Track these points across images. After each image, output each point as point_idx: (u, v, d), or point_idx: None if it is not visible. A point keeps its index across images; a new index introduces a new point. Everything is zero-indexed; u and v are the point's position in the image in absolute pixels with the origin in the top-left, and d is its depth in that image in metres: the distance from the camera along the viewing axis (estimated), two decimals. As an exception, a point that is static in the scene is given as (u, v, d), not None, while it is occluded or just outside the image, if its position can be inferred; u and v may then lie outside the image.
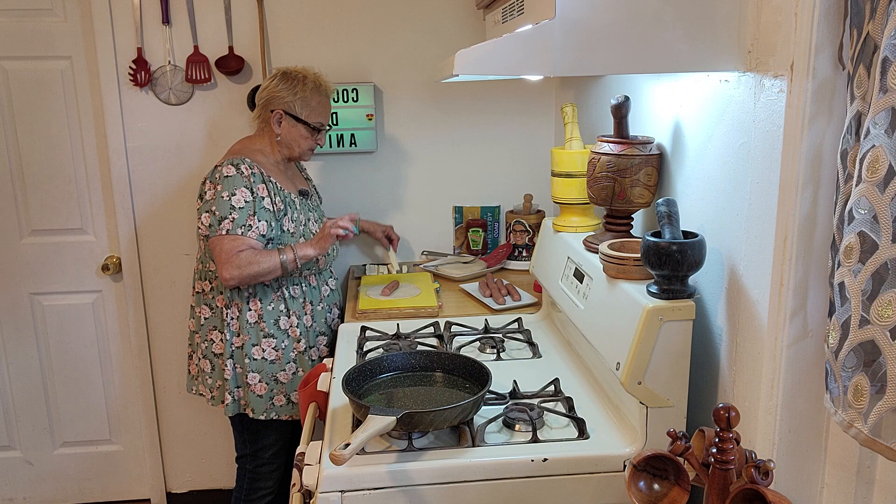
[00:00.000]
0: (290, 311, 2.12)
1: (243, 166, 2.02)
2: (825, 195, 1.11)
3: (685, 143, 1.53)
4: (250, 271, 1.97)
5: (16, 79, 2.51)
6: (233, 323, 2.10)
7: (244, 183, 2.00)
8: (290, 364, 2.13)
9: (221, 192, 2.00)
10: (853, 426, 0.93)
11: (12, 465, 2.82)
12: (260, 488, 2.26)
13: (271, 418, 2.14)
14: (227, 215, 1.98)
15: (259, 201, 2.01)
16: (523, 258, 2.63)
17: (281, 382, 2.13)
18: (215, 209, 2.00)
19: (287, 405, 2.15)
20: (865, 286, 0.90)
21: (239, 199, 1.99)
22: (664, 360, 1.33)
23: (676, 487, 1.12)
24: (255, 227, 1.99)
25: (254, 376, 2.10)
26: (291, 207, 2.10)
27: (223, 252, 1.98)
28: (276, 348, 2.11)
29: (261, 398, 2.12)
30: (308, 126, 2.12)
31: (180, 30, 2.50)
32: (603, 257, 1.51)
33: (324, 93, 2.14)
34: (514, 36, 1.23)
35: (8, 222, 2.61)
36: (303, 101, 2.10)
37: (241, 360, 2.11)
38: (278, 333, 2.11)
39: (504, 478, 1.35)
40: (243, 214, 1.98)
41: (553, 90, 2.70)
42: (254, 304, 2.09)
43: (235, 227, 1.97)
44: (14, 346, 2.71)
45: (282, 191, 2.08)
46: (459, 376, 1.60)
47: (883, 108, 0.87)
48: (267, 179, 2.05)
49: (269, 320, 2.10)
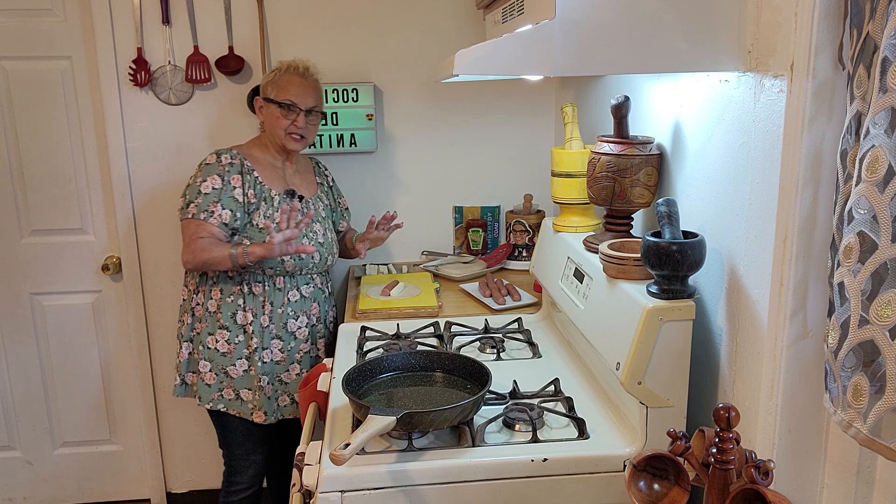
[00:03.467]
0: (247, 307, 2.12)
1: (224, 156, 2.09)
2: (825, 195, 1.11)
3: (685, 143, 1.53)
4: (202, 258, 2.02)
5: (16, 79, 2.51)
6: (197, 308, 2.15)
7: (217, 171, 2.06)
8: (242, 360, 2.13)
9: (196, 178, 2.08)
10: (852, 426, 0.93)
11: (12, 465, 2.82)
12: (236, 482, 2.27)
13: (219, 409, 2.15)
14: (193, 199, 2.05)
15: (228, 190, 2.05)
16: (523, 258, 2.63)
17: (230, 377, 2.13)
18: (187, 193, 2.08)
19: (236, 400, 2.15)
20: (865, 286, 0.90)
21: (207, 186, 2.05)
22: (664, 360, 1.33)
23: (676, 487, 1.12)
24: (217, 213, 2.03)
25: (205, 364, 2.13)
26: (267, 203, 2.10)
27: (186, 235, 2.06)
28: (228, 341, 2.12)
29: (209, 387, 2.14)
30: (276, 104, 2.10)
31: (180, 30, 2.50)
32: (603, 257, 1.51)
33: (295, 72, 2.13)
34: (514, 36, 1.23)
35: (8, 222, 2.61)
36: (273, 82, 2.13)
37: (197, 346, 2.14)
38: (233, 327, 2.12)
39: (504, 478, 1.35)
40: (207, 200, 2.04)
41: (553, 90, 2.70)
42: (215, 292, 2.12)
43: (199, 211, 2.04)
44: (14, 346, 2.71)
45: (260, 185, 2.10)
46: (459, 376, 1.60)
47: (883, 108, 0.87)
48: (247, 172, 2.08)
49: (225, 312, 2.12)
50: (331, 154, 2.64)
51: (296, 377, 2.21)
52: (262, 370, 2.14)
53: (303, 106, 2.12)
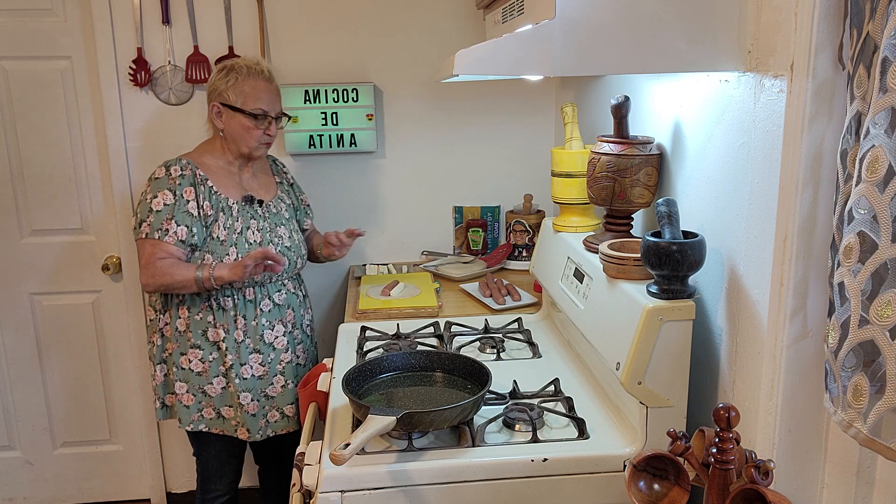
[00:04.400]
0: (217, 323, 2.02)
1: (174, 167, 1.98)
2: (825, 195, 1.12)
3: (685, 143, 1.53)
4: (164, 281, 1.93)
5: (16, 79, 2.51)
6: (165, 328, 2.06)
7: (168, 185, 1.96)
8: (219, 378, 2.04)
9: (147, 195, 1.98)
10: (853, 426, 0.93)
11: (12, 465, 2.82)
12: (212, 490, 2.21)
13: (200, 430, 2.08)
14: (145, 218, 1.95)
15: (182, 205, 1.95)
16: (523, 258, 2.63)
17: (209, 395, 2.05)
18: (138, 211, 1.99)
19: (217, 419, 2.07)
20: (865, 286, 0.90)
21: (159, 202, 1.95)
22: (664, 360, 1.33)
23: (676, 487, 1.12)
24: (171, 231, 1.93)
25: (181, 385, 2.05)
26: (226, 214, 2.00)
27: (143, 256, 1.96)
28: (202, 360, 2.03)
29: (188, 409, 2.06)
30: (246, 114, 1.98)
31: (180, 30, 2.50)
32: (603, 257, 1.51)
33: (258, 77, 2.00)
34: (514, 36, 1.23)
35: (8, 222, 2.61)
36: (235, 88, 1.98)
37: (171, 368, 2.06)
38: (205, 345, 2.03)
39: (504, 478, 1.35)
40: (159, 218, 1.94)
41: (553, 90, 2.70)
42: (182, 311, 2.03)
43: (153, 230, 1.94)
44: (14, 346, 2.71)
45: (216, 195, 2.00)
46: (459, 376, 1.60)
47: (883, 108, 0.87)
48: (200, 182, 1.98)
49: (195, 330, 2.03)
50: (331, 154, 2.64)
51: (282, 389, 2.11)
52: (241, 387, 2.05)
53: (273, 113, 2.03)
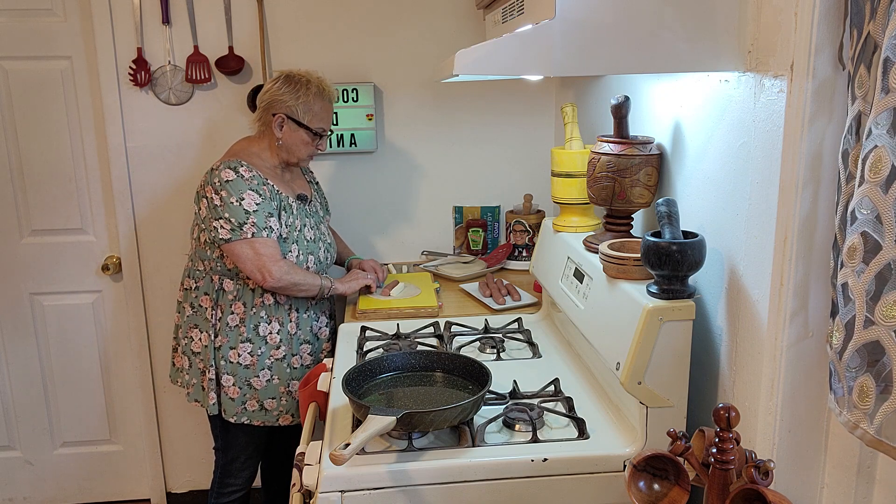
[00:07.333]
0: (271, 317, 2.10)
1: (241, 169, 2.01)
2: (825, 195, 1.11)
3: (685, 143, 1.53)
4: (294, 279, 2.02)
5: (16, 79, 2.51)
6: (216, 324, 2.10)
7: (248, 186, 2.00)
8: (265, 371, 2.11)
9: (229, 198, 1.98)
10: (858, 427, 0.93)
11: (12, 465, 2.82)
12: (229, 484, 2.26)
13: (242, 422, 2.13)
14: (246, 220, 1.97)
15: (266, 202, 2.02)
16: (523, 258, 2.62)
17: (254, 388, 2.12)
18: (229, 215, 1.97)
19: (260, 411, 2.13)
20: (869, 287, 0.90)
21: (249, 203, 1.98)
22: (664, 360, 1.33)
23: (676, 487, 1.12)
24: (275, 229, 2.02)
25: (228, 378, 2.10)
26: (287, 212, 2.08)
27: (260, 256, 1.97)
28: (251, 353, 2.09)
29: (233, 401, 2.11)
30: (310, 131, 2.09)
31: (180, 30, 2.50)
32: (603, 257, 1.51)
33: (327, 98, 2.12)
34: (514, 36, 1.23)
35: (8, 222, 2.61)
36: (305, 105, 2.07)
37: (218, 362, 2.11)
38: (256, 339, 2.10)
39: (504, 478, 1.35)
40: (260, 217, 1.99)
41: (553, 90, 2.70)
42: (237, 307, 2.08)
43: (259, 230, 1.98)
44: (14, 346, 2.71)
45: (279, 194, 2.07)
46: (459, 376, 1.60)
47: (884, 109, 0.87)
48: (264, 182, 2.04)
49: (248, 325, 2.08)
50: (331, 154, 2.64)
51: None
52: (292, 375, 2.14)
53: (329, 131, 2.18)
